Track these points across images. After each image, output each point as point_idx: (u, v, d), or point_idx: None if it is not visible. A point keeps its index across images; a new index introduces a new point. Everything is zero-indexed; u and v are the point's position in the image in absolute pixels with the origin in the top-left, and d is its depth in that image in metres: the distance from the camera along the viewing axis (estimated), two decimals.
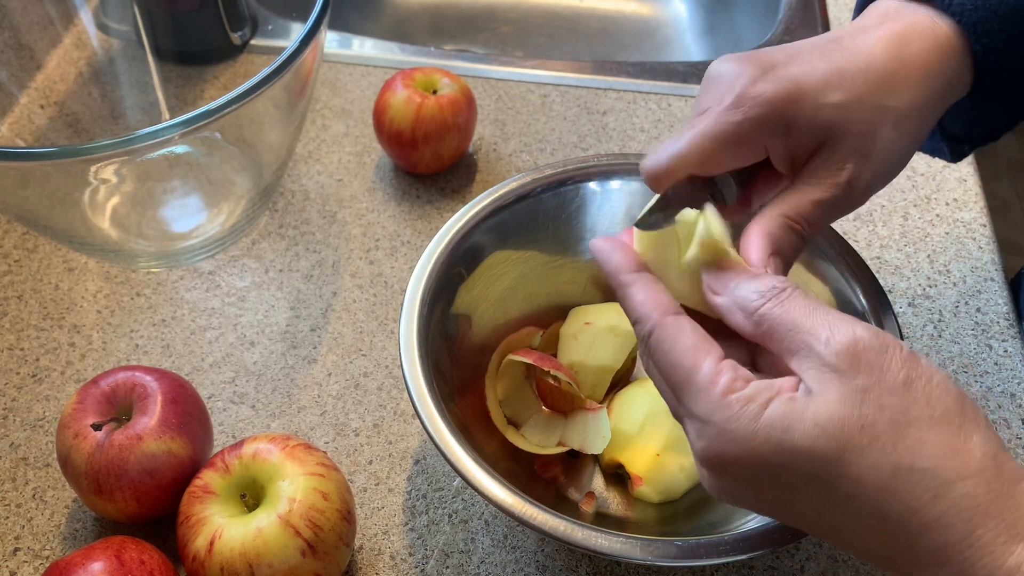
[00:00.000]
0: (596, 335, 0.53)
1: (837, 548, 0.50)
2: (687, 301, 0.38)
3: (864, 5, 0.44)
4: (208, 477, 0.46)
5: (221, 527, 0.43)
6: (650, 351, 0.35)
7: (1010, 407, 0.57)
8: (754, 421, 0.31)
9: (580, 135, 0.72)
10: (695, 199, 0.40)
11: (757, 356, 0.37)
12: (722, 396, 0.32)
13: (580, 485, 0.52)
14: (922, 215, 0.67)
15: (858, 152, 0.39)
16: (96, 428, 0.47)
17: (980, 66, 0.41)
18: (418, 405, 0.44)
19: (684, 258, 0.37)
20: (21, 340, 0.59)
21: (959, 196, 0.68)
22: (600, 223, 0.55)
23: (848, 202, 0.40)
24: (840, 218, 0.41)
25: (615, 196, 0.55)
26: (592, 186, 0.55)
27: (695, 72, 0.77)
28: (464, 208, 0.52)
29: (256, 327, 0.60)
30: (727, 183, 0.41)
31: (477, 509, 0.52)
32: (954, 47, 0.40)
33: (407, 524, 0.51)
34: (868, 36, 0.40)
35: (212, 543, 0.43)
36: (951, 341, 0.60)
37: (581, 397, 0.52)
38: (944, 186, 0.69)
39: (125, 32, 0.70)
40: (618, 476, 0.52)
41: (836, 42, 0.40)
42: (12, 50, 0.65)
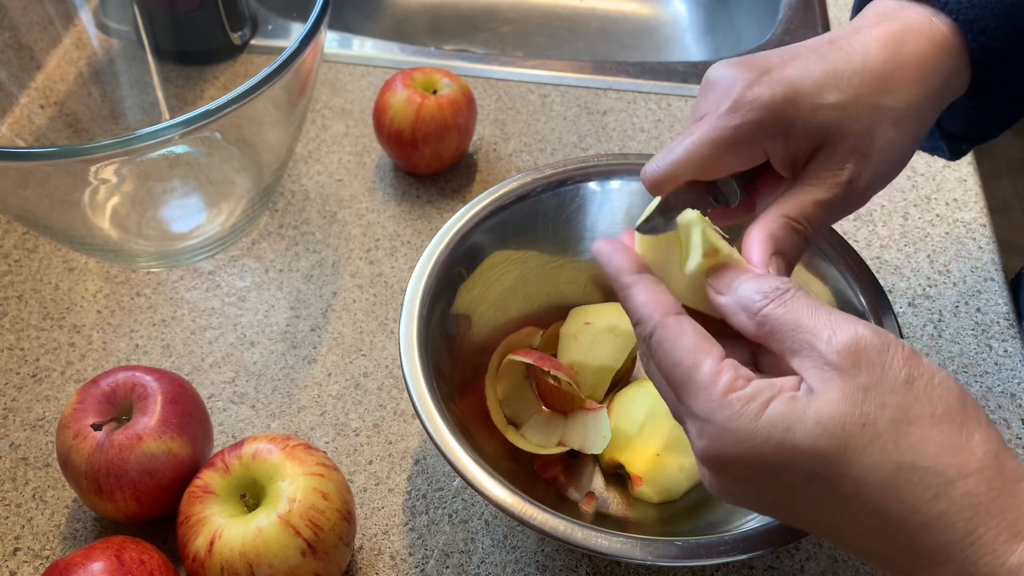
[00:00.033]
0: (596, 335, 0.53)
1: (837, 548, 0.50)
2: (688, 302, 0.38)
3: (862, 5, 0.44)
4: (208, 477, 0.46)
5: (221, 527, 0.43)
6: (651, 351, 0.35)
7: (1010, 407, 0.57)
8: (755, 420, 0.31)
9: (580, 135, 0.72)
10: (697, 203, 0.40)
11: (759, 357, 0.38)
12: (723, 395, 0.32)
13: (580, 485, 0.52)
14: (922, 215, 0.67)
15: (857, 152, 0.39)
16: (96, 428, 0.47)
17: (977, 64, 0.41)
18: (418, 405, 0.44)
19: (685, 268, 0.37)
20: (21, 340, 0.59)
21: (959, 196, 0.68)
22: (600, 223, 0.55)
23: (849, 202, 0.40)
24: (842, 218, 0.41)
25: (615, 196, 0.55)
26: (592, 186, 0.55)
27: (695, 72, 0.77)
28: (464, 208, 0.52)
29: (256, 327, 0.60)
30: (729, 185, 0.41)
31: (477, 509, 0.52)
32: (951, 46, 0.40)
33: (407, 524, 0.51)
34: (864, 36, 0.40)
35: (212, 543, 0.43)
36: (951, 341, 0.60)
37: (581, 397, 0.52)
38: (944, 186, 0.69)
39: (125, 32, 0.70)
40: (618, 476, 0.52)
41: (832, 43, 0.40)
42: (12, 50, 0.65)
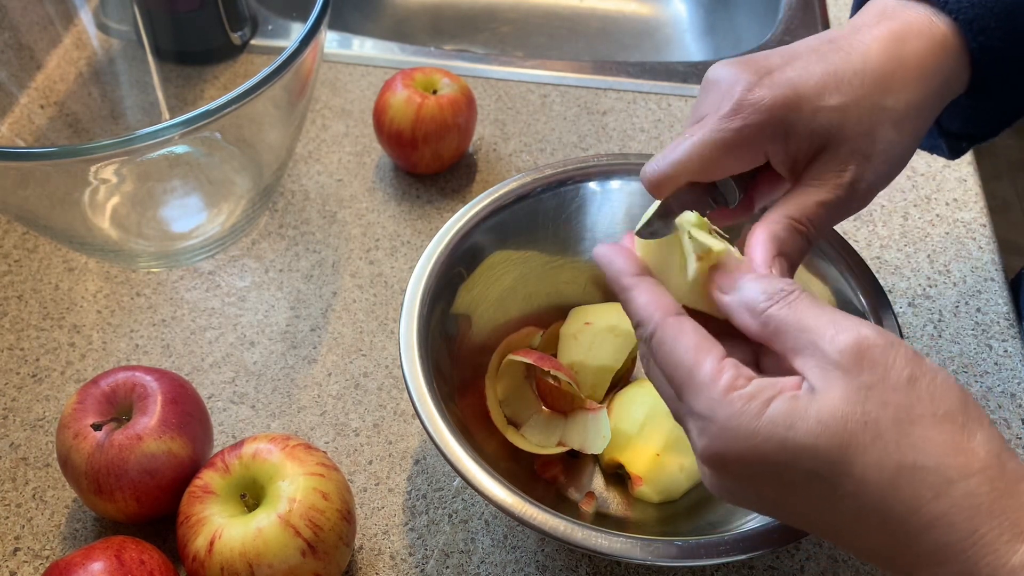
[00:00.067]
0: (596, 335, 0.53)
1: (837, 548, 0.50)
2: (689, 303, 0.38)
3: (862, 2, 0.43)
4: (208, 477, 0.46)
5: (221, 527, 0.43)
6: (652, 351, 0.35)
7: (1010, 407, 0.57)
8: (756, 418, 0.31)
9: (580, 135, 0.72)
10: (696, 204, 0.40)
11: (761, 359, 0.37)
12: (724, 393, 0.32)
13: (580, 485, 0.52)
14: (922, 215, 0.67)
15: (859, 154, 0.39)
16: (96, 428, 0.47)
17: (977, 64, 0.41)
18: (418, 405, 0.44)
19: (687, 275, 0.37)
20: (21, 340, 0.59)
21: (959, 196, 0.68)
22: (600, 223, 0.55)
23: (851, 203, 0.40)
24: (844, 220, 0.41)
25: (615, 196, 0.55)
26: (592, 186, 0.54)
27: (695, 72, 0.77)
28: (464, 208, 0.52)
29: (256, 327, 0.60)
30: (728, 186, 0.41)
31: (477, 509, 0.52)
32: (951, 45, 0.40)
33: (407, 524, 0.51)
34: (864, 36, 0.40)
35: (212, 543, 0.43)
36: (951, 341, 0.60)
37: (581, 397, 0.52)
38: (944, 186, 0.69)
39: (125, 32, 0.70)
40: (618, 476, 0.52)
41: (832, 43, 0.40)
42: (12, 50, 0.65)
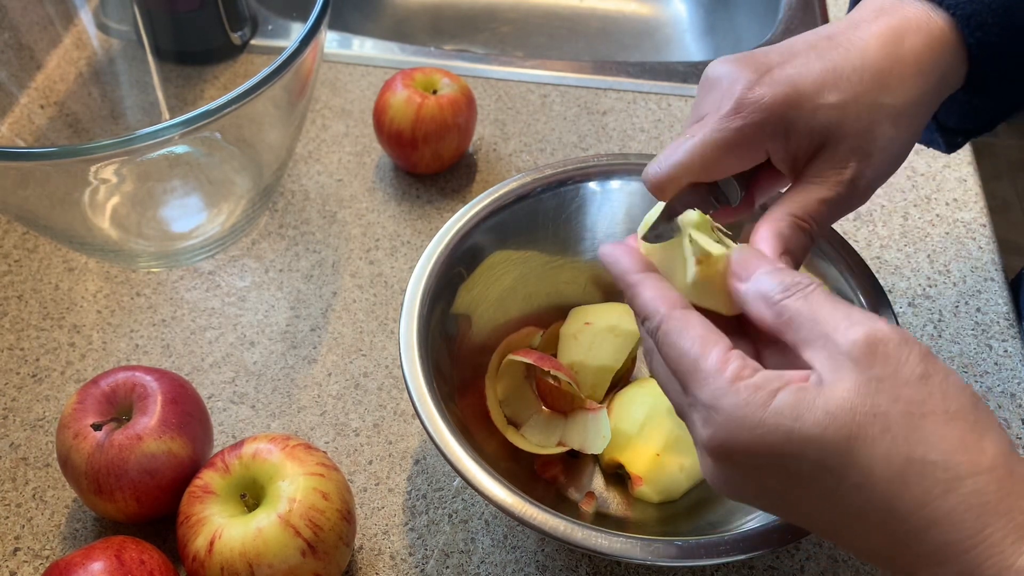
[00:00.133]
0: (596, 335, 0.53)
1: (837, 547, 0.50)
2: (695, 300, 0.38)
3: None
4: (208, 477, 0.46)
5: (221, 527, 0.43)
6: (658, 344, 0.35)
7: (1010, 407, 0.57)
8: (762, 408, 0.31)
9: (580, 135, 0.72)
10: (698, 205, 0.40)
11: (765, 358, 0.37)
12: (730, 383, 0.32)
13: (580, 485, 0.52)
14: (922, 215, 0.67)
15: (859, 151, 0.39)
16: (96, 428, 0.47)
17: (974, 60, 0.41)
18: (418, 405, 0.44)
19: (687, 280, 0.37)
20: (21, 340, 0.59)
21: (959, 196, 0.68)
22: (600, 223, 0.55)
23: (852, 199, 0.40)
24: (844, 215, 0.41)
25: (615, 196, 0.55)
26: (592, 186, 0.54)
27: (695, 72, 0.77)
28: (464, 208, 0.52)
29: (256, 327, 0.60)
30: (730, 185, 0.41)
31: (477, 509, 0.52)
32: (948, 41, 0.40)
33: (407, 524, 0.51)
34: (863, 32, 0.40)
35: (212, 543, 0.43)
36: (951, 341, 0.60)
37: (581, 397, 0.52)
38: (944, 186, 0.69)
39: (125, 32, 0.70)
40: (618, 476, 0.52)
41: (831, 39, 0.40)
42: (12, 50, 0.65)
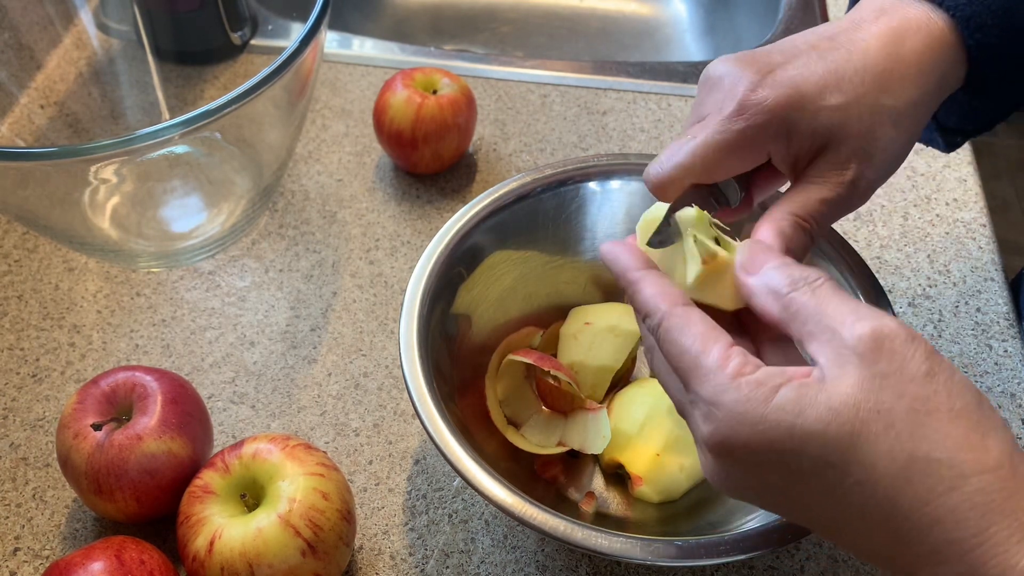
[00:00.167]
0: (596, 335, 0.53)
1: (837, 547, 0.50)
2: (696, 298, 0.38)
3: None
4: (208, 477, 0.46)
5: (221, 527, 0.43)
6: (659, 341, 0.35)
7: (1010, 407, 0.57)
8: (764, 404, 0.31)
9: (580, 135, 0.72)
10: (700, 206, 0.40)
11: (765, 355, 0.37)
12: (731, 379, 0.32)
13: (580, 485, 0.52)
14: (922, 215, 0.67)
15: (860, 152, 0.39)
16: (96, 428, 0.47)
17: (974, 60, 0.41)
18: (418, 405, 0.44)
19: (688, 277, 0.37)
20: (21, 340, 0.59)
21: (959, 196, 0.68)
22: (600, 223, 0.55)
23: (853, 200, 0.40)
24: (844, 216, 0.41)
25: (615, 196, 0.55)
26: (592, 186, 0.54)
27: (695, 72, 0.77)
28: (464, 208, 0.52)
29: (256, 327, 0.60)
30: (730, 185, 0.41)
31: (477, 509, 0.52)
32: (948, 42, 0.40)
33: (407, 524, 0.51)
34: (864, 32, 0.40)
35: (212, 543, 0.43)
36: (951, 341, 0.60)
37: (581, 397, 0.52)
38: (944, 186, 0.69)
39: (125, 32, 0.70)
40: (618, 476, 0.52)
41: (832, 40, 0.40)
42: (12, 50, 0.65)
